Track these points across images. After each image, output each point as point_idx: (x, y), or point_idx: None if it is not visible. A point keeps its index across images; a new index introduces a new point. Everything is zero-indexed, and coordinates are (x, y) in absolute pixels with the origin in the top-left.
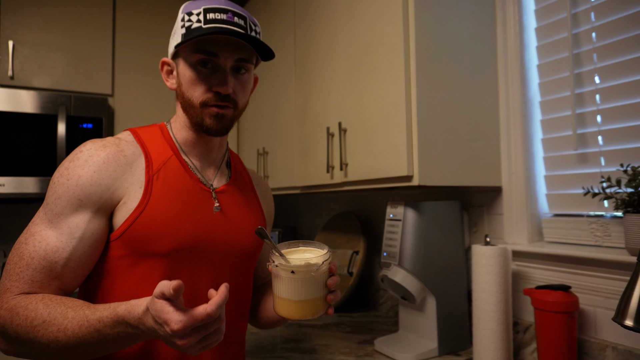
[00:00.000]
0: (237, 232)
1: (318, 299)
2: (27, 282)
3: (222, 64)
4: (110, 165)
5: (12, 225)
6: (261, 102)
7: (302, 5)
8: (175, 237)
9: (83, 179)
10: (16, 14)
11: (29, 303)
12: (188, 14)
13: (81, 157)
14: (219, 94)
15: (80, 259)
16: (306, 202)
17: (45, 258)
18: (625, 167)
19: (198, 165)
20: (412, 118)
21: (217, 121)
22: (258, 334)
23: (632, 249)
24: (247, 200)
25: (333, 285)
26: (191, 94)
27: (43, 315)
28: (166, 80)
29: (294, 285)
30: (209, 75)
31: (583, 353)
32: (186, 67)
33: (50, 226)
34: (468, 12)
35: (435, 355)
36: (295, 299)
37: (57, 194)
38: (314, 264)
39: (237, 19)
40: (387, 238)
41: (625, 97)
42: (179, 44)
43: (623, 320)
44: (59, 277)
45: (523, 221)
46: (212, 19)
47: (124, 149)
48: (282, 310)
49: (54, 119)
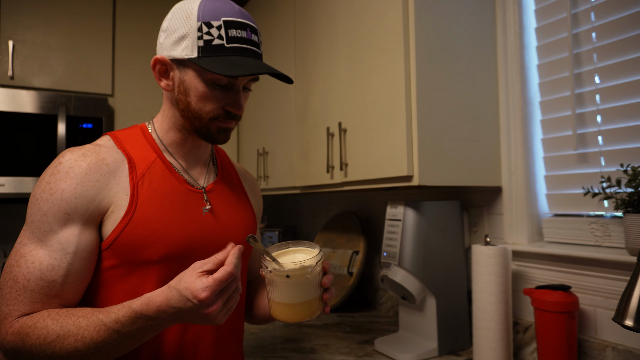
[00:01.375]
0: (228, 231)
1: (314, 299)
2: (27, 304)
3: (238, 84)
4: (92, 175)
5: (12, 225)
6: (261, 102)
7: (302, 5)
8: (166, 243)
9: (67, 193)
10: (16, 14)
11: (36, 322)
12: (207, 25)
13: (62, 169)
14: (230, 113)
15: (78, 273)
16: (306, 202)
17: (42, 278)
18: (625, 167)
19: (184, 165)
20: (412, 118)
21: (224, 134)
22: (258, 334)
23: (632, 249)
24: (236, 196)
25: (328, 284)
26: (201, 107)
27: (55, 330)
28: (159, 80)
29: (289, 289)
30: (223, 93)
31: (583, 353)
32: (199, 82)
33: (40, 245)
34: (468, 12)
35: (435, 355)
36: (292, 303)
37: (42, 210)
38: (308, 266)
39: (253, 35)
40: (387, 238)
41: (625, 97)
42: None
43: (623, 320)
44: (59, 295)
45: (523, 221)
46: (234, 37)
47: (105, 157)
48: (280, 314)
49: (54, 119)
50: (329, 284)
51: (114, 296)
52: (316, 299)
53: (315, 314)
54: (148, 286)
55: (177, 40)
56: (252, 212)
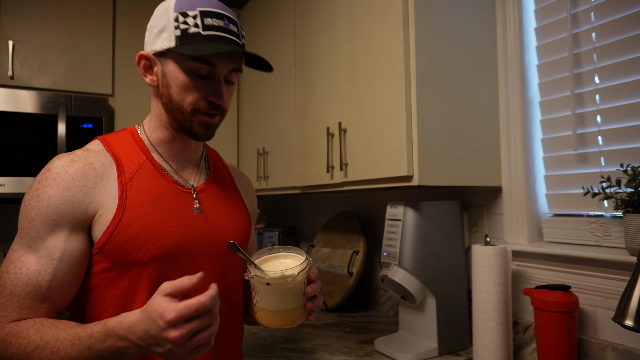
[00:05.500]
0: (221, 231)
1: (296, 308)
2: (15, 309)
3: (218, 73)
4: (79, 180)
5: (12, 225)
6: (261, 102)
7: (302, 5)
8: (156, 244)
9: (53, 199)
10: (16, 14)
11: (20, 330)
12: (183, 15)
13: (49, 175)
14: (212, 103)
15: (64, 279)
16: (306, 202)
17: (29, 283)
18: (625, 167)
19: (174, 166)
20: (412, 118)
21: (206, 129)
22: (258, 334)
23: (632, 249)
24: (229, 197)
25: (311, 293)
26: (182, 98)
27: (35, 340)
28: (144, 76)
29: (270, 296)
30: (204, 83)
31: (583, 353)
32: (179, 71)
33: (28, 251)
34: (468, 13)
35: (435, 355)
36: (273, 310)
37: (30, 217)
38: (289, 275)
39: (232, 25)
40: (387, 238)
41: (625, 97)
42: (173, 49)
43: (623, 320)
44: (46, 300)
45: (523, 221)
46: (210, 25)
47: (93, 162)
48: (262, 319)
49: (54, 119)
50: (313, 293)
51: (108, 299)
52: (298, 308)
53: (296, 322)
54: (141, 287)
55: (157, 34)
56: (246, 212)
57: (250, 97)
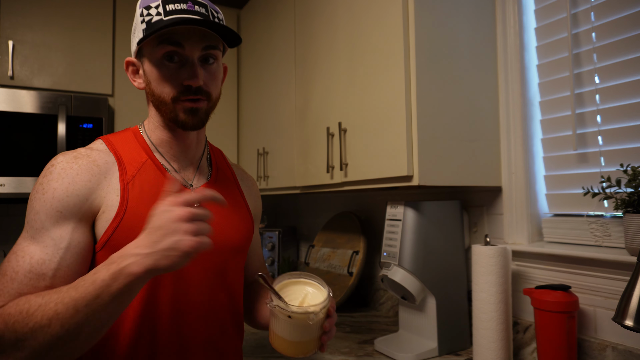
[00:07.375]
0: (222, 231)
1: (312, 340)
2: (14, 295)
3: (189, 55)
4: (84, 176)
5: (12, 225)
6: (261, 102)
7: (302, 5)
8: None
9: (58, 192)
10: (16, 14)
11: (18, 301)
12: (146, 8)
13: (54, 170)
14: (190, 88)
15: (69, 268)
16: (306, 202)
17: (31, 271)
18: (625, 167)
19: (176, 166)
20: (412, 118)
21: (192, 116)
22: (258, 334)
23: (632, 249)
24: (231, 196)
25: (328, 328)
26: (161, 90)
27: (38, 301)
28: (133, 81)
29: (289, 327)
30: (177, 70)
31: (583, 353)
32: (152, 64)
33: (32, 242)
34: (468, 12)
35: (435, 355)
36: (289, 339)
37: (35, 209)
38: (312, 312)
39: (197, 7)
40: (387, 238)
41: (625, 97)
42: (142, 40)
43: (623, 320)
44: (49, 288)
45: (523, 221)
46: (172, 10)
47: (97, 159)
48: (276, 344)
49: (54, 119)
50: (330, 327)
51: None
52: (314, 340)
53: (309, 353)
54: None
55: (132, 36)
56: (249, 212)
57: (250, 97)
